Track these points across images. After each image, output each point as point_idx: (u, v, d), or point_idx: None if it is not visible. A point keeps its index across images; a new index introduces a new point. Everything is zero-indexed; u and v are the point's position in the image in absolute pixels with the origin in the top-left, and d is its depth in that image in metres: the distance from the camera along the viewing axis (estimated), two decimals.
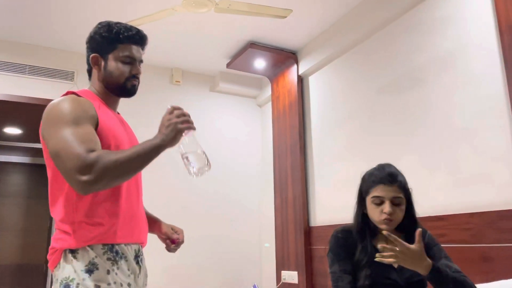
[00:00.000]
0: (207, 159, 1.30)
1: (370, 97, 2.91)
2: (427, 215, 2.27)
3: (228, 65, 3.86)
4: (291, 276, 3.35)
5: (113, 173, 1.16)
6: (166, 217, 1.65)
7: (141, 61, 1.46)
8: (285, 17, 2.81)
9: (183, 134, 1.27)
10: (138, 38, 1.44)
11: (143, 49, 1.47)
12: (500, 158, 2.03)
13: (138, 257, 1.36)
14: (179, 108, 1.29)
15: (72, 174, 1.13)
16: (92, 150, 1.16)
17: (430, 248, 1.54)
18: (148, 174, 1.80)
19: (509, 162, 1.97)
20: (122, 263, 1.27)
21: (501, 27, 2.00)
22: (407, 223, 1.51)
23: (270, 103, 4.11)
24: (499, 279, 1.89)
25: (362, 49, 3.03)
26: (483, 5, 2.19)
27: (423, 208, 2.06)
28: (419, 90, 2.52)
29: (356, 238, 1.51)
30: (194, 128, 1.30)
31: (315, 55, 3.46)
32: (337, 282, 1.46)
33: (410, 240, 1.53)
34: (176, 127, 1.25)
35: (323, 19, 3.21)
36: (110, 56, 1.40)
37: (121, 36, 1.39)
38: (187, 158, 1.29)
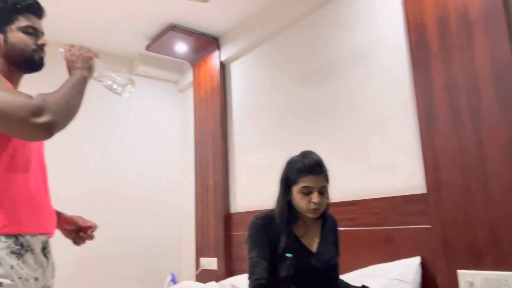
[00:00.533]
0: (127, 77, 1.37)
1: (289, 87, 2.98)
2: (340, 201, 2.40)
3: (147, 48, 3.70)
4: (210, 262, 3.36)
5: (64, 108, 1.14)
6: (78, 208, 1.55)
7: (43, 32, 1.36)
8: (208, 1, 2.76)
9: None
10: (37, 7, 1.36)
11: (41, 20, 1.38)
12: (405, 147, 2.20)
13: (45, 249, 1.27)
14: (73, 45, 1.34)
15: (28, 120, 1.06)
16: (31, 97, 1.11)
17: (337, 240, 1.63)
18: (54, 158, 1.68)
19: (413, 151, 2.15)
20: (28, 256, 1.18)
21: (409, 26, 2.15)
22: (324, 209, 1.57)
23: (191, 89, 4.03)
24: (400, 258, 2.06)
25: (282, 39, 3.08)
26: (393, 3, 2.33)
27: (336, 194, 2.17)
28: (335, 82, 2.64)
29: (278, 226, 1.51)
30: (98, 56, 1.36)
31: (237, 42, 3.45)
32: (253, 267, 1.47)
33: (326, 225, 1.61)
34: (85, 57, 1.30)
35: (245, 6, 3.20)
36: (9, 29, 1.29)
37: (18, 6, 1.30)
38: (108, 82, 1.35)
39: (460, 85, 1.91)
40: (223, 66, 3.63)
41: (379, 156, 2.33)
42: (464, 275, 1.81)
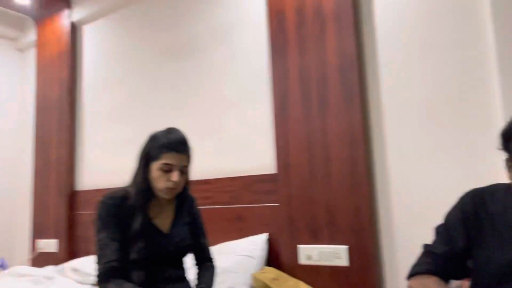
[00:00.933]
0: None
1: (148, 59, 2.82)
2: (196, 179, 2.37)
3: None
4: (49, 244, 3.04)
5: None
6: None
7: None
8: None
9: None
10: None
11: None
12: (259, 129, 2.28)
13: None
14: None
15: None
16: None
17: (195, 220, 1.59)
18: None
19: (266, 133, 2.24)
20: None
21: (270, 11, 2.21)
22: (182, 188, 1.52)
23: (34, 49, 3.53)
24: (250, 235, 2.15)
25: (144, 8, 2.89)
26: None
27: (192, 172, 2.15)
28: (196, 59, 2.58)
29: (132, 205, 1.41)
30: None
31: (92, 2, 3.12)
32: (102, 250, 1.36)
33: (181, 205, 1.55)
34: None
35: None
36: None
37: None
38: None
39: (311, 74, 2.05)
40: (74, 28, 3.25)
41: (234, 137, 2.38)
42: (304, 249, 1.98)
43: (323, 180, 1.96)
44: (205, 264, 1.57)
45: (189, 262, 1.56)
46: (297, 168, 2.04)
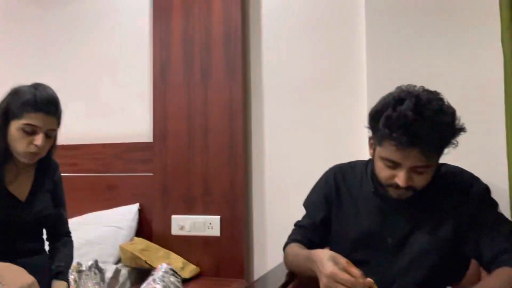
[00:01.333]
0: None
1: (4, 2, 2.44)
2: (61, 144, 2.16)
3: None
4: None
5: None
6: None
7: None
8: None
9: None
10: None
11: None
12: (136, 94, 2.15)
13: None
14: None
15: None
16: None
17: (56, 188, 1.43)
18: None
19: (143, 99, 2.12)
20: None
21: None
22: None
23: None
24: (121, 205, 2.05)
25: None
26: None
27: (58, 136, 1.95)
28: (69, 9, 2.32)
29: None
30: None
31: None
32: None
33: (43, 171, 1.38)
34: None
35: None
36: None
37: None
38: None
39: (195, 41, 1.98)
40: None
41: (109, 100, 2.21)
42: (177, 220, 1.96)
43: (201, 151, 1.94)
44: (62, 239, 1.43)
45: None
46: (174, 137, 1.99)
